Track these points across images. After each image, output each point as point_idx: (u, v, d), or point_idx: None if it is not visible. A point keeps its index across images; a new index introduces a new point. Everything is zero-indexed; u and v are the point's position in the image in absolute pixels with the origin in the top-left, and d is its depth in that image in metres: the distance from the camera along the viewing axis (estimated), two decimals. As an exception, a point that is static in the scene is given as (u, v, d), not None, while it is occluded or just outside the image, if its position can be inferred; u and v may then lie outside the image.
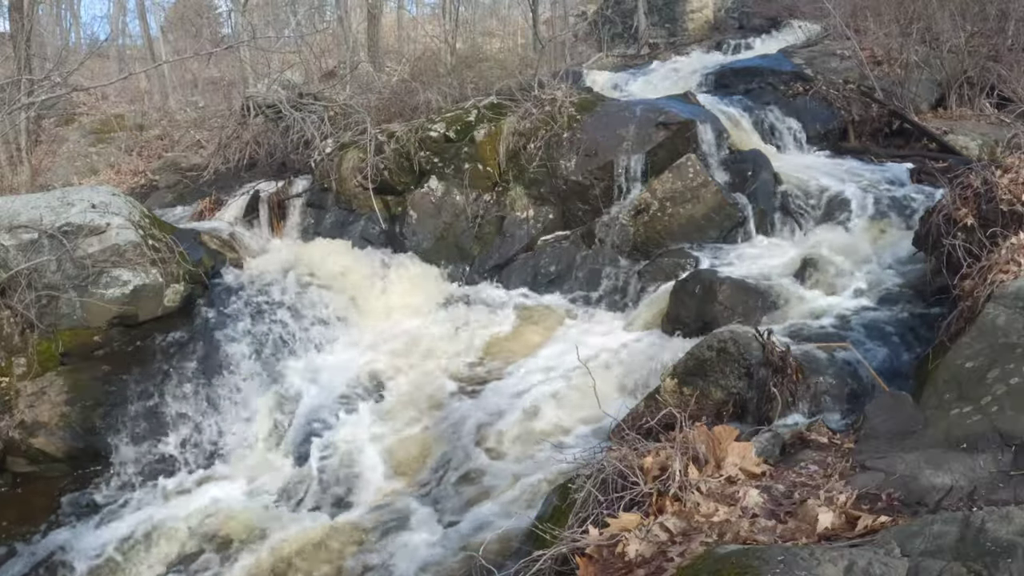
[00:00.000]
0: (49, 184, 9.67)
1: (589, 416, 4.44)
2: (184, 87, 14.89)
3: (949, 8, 8.70)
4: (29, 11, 11.34)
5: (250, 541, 4.02)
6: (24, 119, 10.23)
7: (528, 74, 8.19)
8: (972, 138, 7.24)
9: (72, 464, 4.63)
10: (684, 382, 3.85)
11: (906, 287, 4.92)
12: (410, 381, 5.41)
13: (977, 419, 2.68)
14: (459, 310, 6.39)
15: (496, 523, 3.74)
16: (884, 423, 2.94)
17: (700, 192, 6.39)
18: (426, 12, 22.36)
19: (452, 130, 7.26)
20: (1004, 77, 7.85)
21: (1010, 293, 3.27)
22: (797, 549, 1.89)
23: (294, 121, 8.07)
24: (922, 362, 3.71)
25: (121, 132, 12.05)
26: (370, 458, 4.60)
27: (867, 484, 2.44)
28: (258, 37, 12.32)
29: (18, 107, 8.37)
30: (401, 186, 7.28)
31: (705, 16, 16.54)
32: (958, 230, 4.23)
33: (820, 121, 7.90)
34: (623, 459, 2.71)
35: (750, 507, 2.35)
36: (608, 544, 2.31)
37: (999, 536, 1.81)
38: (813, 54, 9.90)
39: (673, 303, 5.32)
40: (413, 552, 3.75)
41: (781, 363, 3.61)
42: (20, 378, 4.84)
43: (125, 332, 5.30)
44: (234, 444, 4.93)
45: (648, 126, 6.86)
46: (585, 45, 16.41)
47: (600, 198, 6.76)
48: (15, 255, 5.08)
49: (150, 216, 6.08)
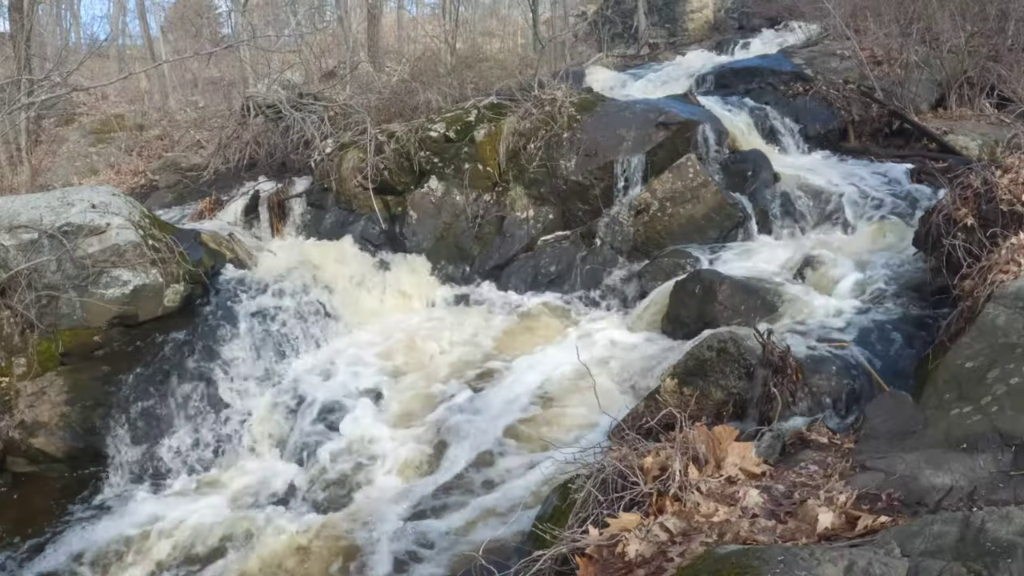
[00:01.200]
0: (49, 184, 9.67)
1: (589, 416, 4.44)
2: (184, 87, 14.89)
3: (949, 8, 8.69)
4: (29, 11, 11.34)
5: (250, 541, 4.02)
6: (24, 119, 10.23)
7: (528, 74, 8.20)
8: (972, 138, 7.24)
9: (72, 464, 4.63)
10: (684, 382, 3.85)
11: (906, 287, 4.92)
12: (410, 381, 5.41)
13: (977, 419, 2.68)
14: (459, 310, 6.39)
15: (496, 523, 3.74)
16: (884, 423, 2.94)
17: (700, 192, 6.40)
18: (426, 12, 22.37)
19: (452, 130, 7.26)
20: (1004, 77, 7.84)
21: (1010, 293, 3.27)
22: (797, 549, 1.89)
23: (294, 121, 8.07)
24: (922, 362, 3.72)
25: (121, 132, 12.05)
26: (370, 458, 4.60)
27: (867, 484, 2.44)
28: (258, 37, 12.32)
29: (18, 107, 8.38)
30: (401, 186, 7.28)
31: (705, 16, 16.54)
32: (958, 230, 4.23)
33: (820, 121, 7.89)
34: (623, 459, 2.71)
35: (750, 507, 2.35)
36: (608, 544, 2.31)
37: (999, 536, 1.81)
38: (813, 54, 9.90)
39: (673, 303, 5.32)
40: (413, 552, 3.75)
41: (781, 363, 3.61)
42: (20, 378, 4.84)
43: (125, 332, 5.30)
44: (234, 444, 4.93)
45: (648, 126, 6.86)
46: (585, 45, 16.41)
47: (600, 198, 6.76)
48: (15, 255, 5.08)
49: (150, 216, 6.08)
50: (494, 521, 3.79)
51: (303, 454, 4.77)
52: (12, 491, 4.56)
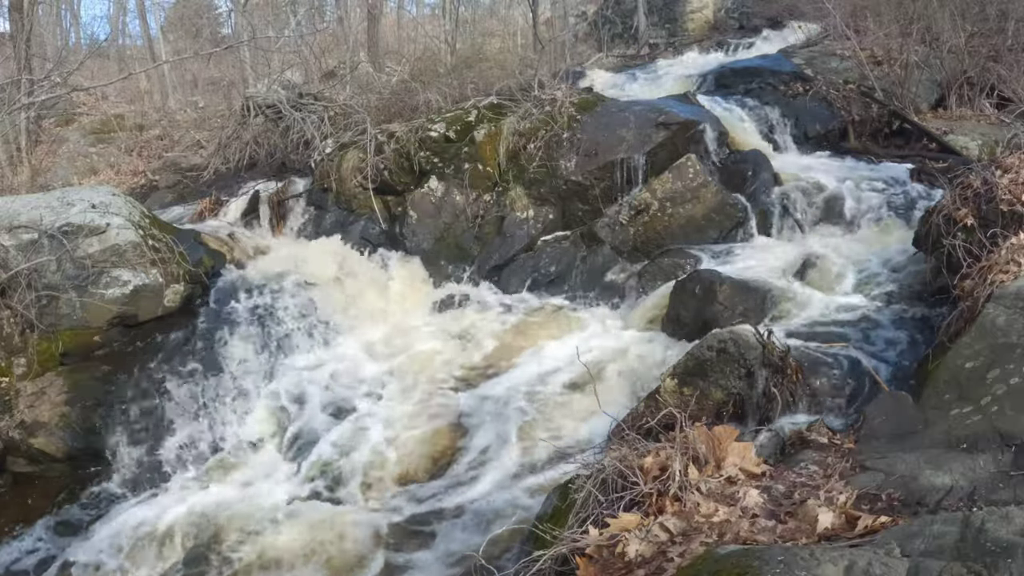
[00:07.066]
0: (49, 184, 9.65)
1: (589, 416, 4.44)
2: (184, 87, 14.88)
3: (949, 8, 8.70)
4: (29, 11, 11.33)
5: (250, 541, 4.02)
6: (24, 119, 10.23)
7: (528, 74, 8.19)
8: (972, 138, 7.24)
9: (72, 464, 4.63)
10: (684, 382, 3.85)
11: (906, 287, 4.92)
12: (410, 381, 5.41)
13: (977, 419, 2.68)
14: (459, 310, 6.39)
15: (496, 523, 3.74)
16: (884, 423, 2.94)
17: (700, 192, 6.40)
18: (426, 12, 22.36)
19: (452, 130, 7.26)
20: (1004, 77, 7.85)
21: (1010, 293, 3.27)
22: (797, 549, 1.89)
23: (294, 121, 8.07)
24: (922, 362, 3.71)
25: (121, 132, 12.03)
26: (370, 458, 4.60)
27: (867, 484, 2.44)
28: (258, 37, 12.31)
29: (18, 107, 8.38)
30: (401, 186, 7.28)
31: (705, 16, 16.54)
32: (958, 230, 4.24)
33: (820, 121, 7.89)
34: (623, 459, 2.71)
35: (750, 507, 2.35)
36: (608, 544, 2.31)
37: (999, 536, 1.81)
38: (813, 54, 9.88)
39: (673, 303, 5.32)
40: (412, 552, 3.75)
41: (781, 363, 3.61)
42: (20, 378, 4.84)
43: (125, 332, 5.30)
44: (234, 444, 4.93)
45: (648, 126, 6.86)
46: (585, 45, 16.39)
47: (600, 198, 6.76)
48: (15, 255, 5.08)
49: (150, 216, 6.08)
50: (494, 521, 3.79)
51: (303, 454, 4.78)
52: (12, 491, 4.55)
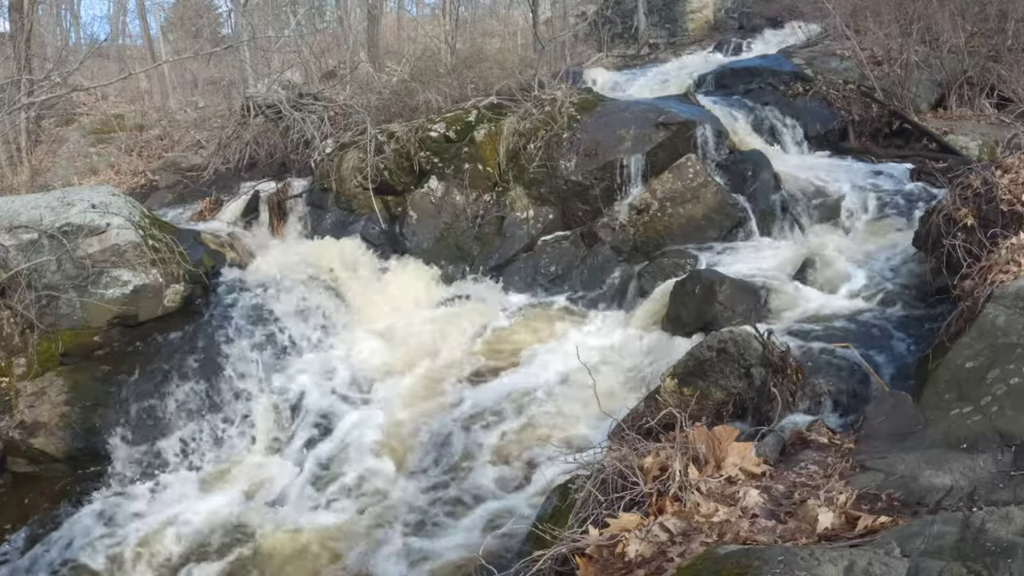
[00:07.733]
0: (49, 184, 9.66)
1: (589, 416, 4.44)
2: (184, 87, 14.88)
3: (949, 8, 8.70)
4: (29, 11, 11.34)
5: (250, 541, 4.02)
6: (24, 119, 10.24)
7: (528, 74, 8.19)
8: (972, 138, 7.25)
9: (72, 464, 4.63)
10: (684, 382, 3.85)
11: (906, 287, 4.92)
12: (410, 381, 5.41)
13: (977, 419, 2.68)
14: (459, 310, 6.39)
15: (496, 523, 3.74)
16: (884, 423, 2.94)
17: (700, 192, 6.40)
18: (426, 12, 22.36)
19: (452, 130, 7.26)
20: (1004, 77, 7.85)
21: (1010, 293, 3.27)
22: (797, 549, 1.89)
23: (294, 121, 8.06)
24: (922, 362, 3.71)
25: (121, 132, 12.03)
26: (370, 458, 4.60)
27: (867, 484, 2.44)
28: (258, 37, 12.33)
29: (18, 107, 8.38)
30: (401, 186, 7.28)
31: (705, 16, 16.56)
32: (958, 230, 4.24)
33: (820, 121, 7.90)
34: (623, 459, 2.71)
35: (750, 507, 2.35)
36: (608, 544, 2.31)
37: (999, 536, 1.81)
38: (813, 54, 9.89)
39: (673, 303, 5.32)
40: (413, 552, 3.75)
41: (781, 363, 3.61)
42: (20, 378, 4.84)
43: (125, 332, 5.30)
44: (234, 444, 4.93)
45: (648, 126, 6.86)
46: (585, 45, 16.39)
47: (600, 198, 6.76)
48: (15, 255, 5.08)
49: (150, 216, 6.08)
50: (494, 520, 3.79)
51: (303, 453, 4.78)
52: (12, 491, 4.55)
